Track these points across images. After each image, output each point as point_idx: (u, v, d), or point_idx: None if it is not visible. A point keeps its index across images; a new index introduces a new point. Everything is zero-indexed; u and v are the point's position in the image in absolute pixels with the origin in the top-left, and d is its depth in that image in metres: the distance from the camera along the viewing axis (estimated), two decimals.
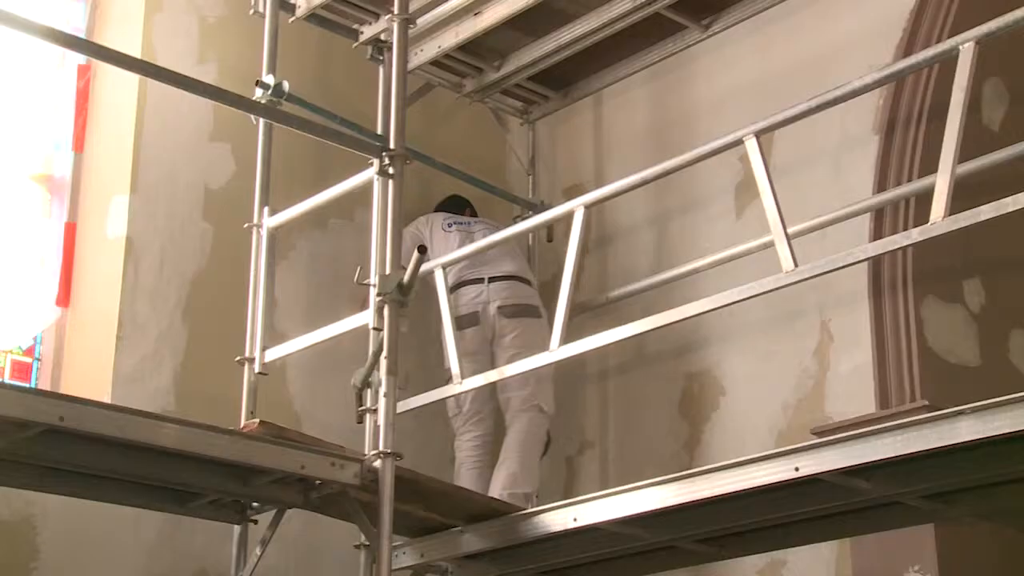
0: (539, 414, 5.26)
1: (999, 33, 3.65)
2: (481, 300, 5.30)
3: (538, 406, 5.25)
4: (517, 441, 5.20)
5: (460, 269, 5.34)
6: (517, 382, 5.18)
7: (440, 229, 5.51)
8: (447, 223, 5.56)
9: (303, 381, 5.33)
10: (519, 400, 5.23)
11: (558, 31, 5.62)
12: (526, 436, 5.21)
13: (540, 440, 5.28)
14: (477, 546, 4.54)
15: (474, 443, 5.31)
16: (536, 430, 5.25)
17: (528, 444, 5.21)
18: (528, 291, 5.40)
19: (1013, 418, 3.29)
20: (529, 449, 5.21)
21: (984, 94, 4.90)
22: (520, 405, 5.24)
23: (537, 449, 5.26)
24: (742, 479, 3.85)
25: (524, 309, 5.31)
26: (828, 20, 5.21)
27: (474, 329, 5.26)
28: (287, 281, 5.35)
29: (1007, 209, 3.46)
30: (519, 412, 5.24)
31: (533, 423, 5.23)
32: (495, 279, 5.34)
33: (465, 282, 5.35)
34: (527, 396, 5.23)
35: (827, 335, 4.95)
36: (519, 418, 5.24)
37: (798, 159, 5.10)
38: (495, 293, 5.31)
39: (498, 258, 5.38)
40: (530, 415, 5.24)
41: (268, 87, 5.01)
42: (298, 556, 5.05)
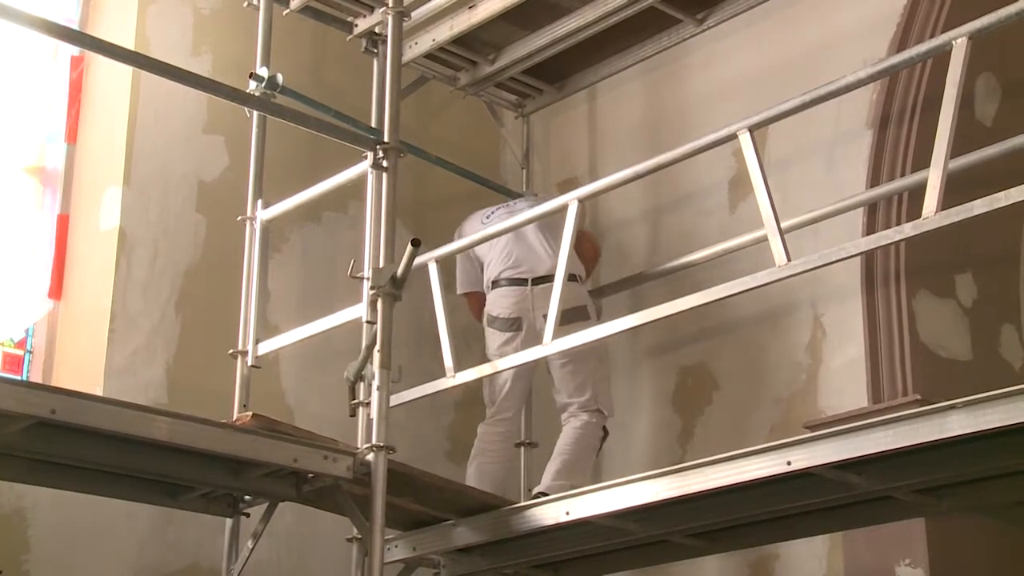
0: (599, 414, 5.05)
1: (992, 28, 3.65)
2: (525, 307, 5.05)
3: (598, 411, 5.05)
4: (574, 437, 4.98)
5: (500, 261, 5.15)
6: (572, 388, 5.03)
7: (479, 223, 5.28)
8: (486, 215, 5.36)
9: (296, 374, 5.33)
10: (578, 405, 5.03)
11: (553, 25, 5.61)
12: (583, 432, 4.99)
13: (595, 437, 5.04)
14: (469, 539, 4.55)
15: (493, 438, 5.13)
16: (594, 428, 5.03)
17: (585, 440, 4.99)
18: (575, 291, 5.02)
19: (1003, 412, 3.29)
20: (585, 445, 4.99)
21: (977, 89, 4.90)
22: (579, 408, 5.04)
23: (591, 447, 5.03)
24: (735, 473, 3.86)
25: (570, 314, 4.85)
26: (822, 15, 5.21)
27: (512, 335, 5.06)
28: (280, 274, 5.35)
29: (999, 204, 3.46)
30: (579, 412, 5.03)
31: (592, 420, 5.02)
32: (538, 281, 5.05)
33: (506, 281, 5.12)
34: (586, 401, 5.03)
35: (820, 329, 4.96)
36: (579, 416, 5.03)
37: (792, 153, 5.10)
38: (538, 299, 4.98)
39: (538, 249, 5.11)
40: (590, 411, 5.03)
41: (262, 80, 5.00)
42: (290, 549, 5.05)
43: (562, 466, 4.91)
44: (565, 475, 4.85)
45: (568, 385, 5.04)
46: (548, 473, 4.92)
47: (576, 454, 4.97)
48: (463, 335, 5.46)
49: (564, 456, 4.95)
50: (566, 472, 4.87)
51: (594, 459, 5.10)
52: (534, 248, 5.15)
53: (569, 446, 4.98)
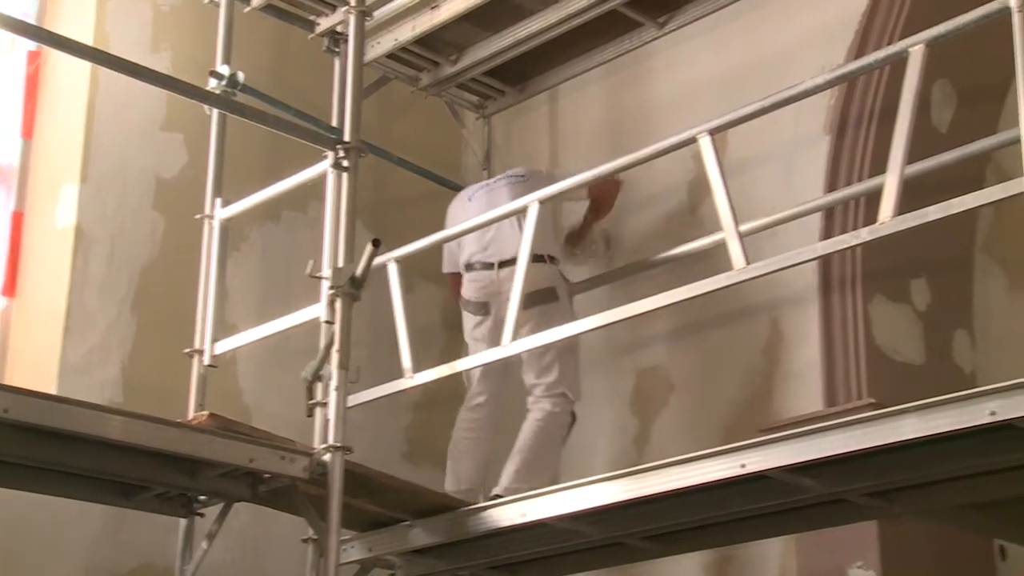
0: (563, 400, 4.98)
1: (948, 36, 3.68)
2: (491, 291, 4.99)
3: (563, 393, 4.97)
4: (535, 432, 4.91)
5: (472, 243, 5.08)
6: (539, 368, 4.95)
7: (464, 203, 5.25)
8: (468, 195, 5.32)
9: (253, 374, 5.31)
10: (543, 387, 4.96)
11: (515, 26, 5.63)
12: (545, 425, 4.92)
13: (561, 427, 4.99)
14: (425, 540, 4.54)
15: (469, 424, 5.08)
16: (559, 418, 4.97)
17: (547, 435, 4.92)
18: (543, 272, 4.94)
19: (954, 416, 3.32)
20: (548, 441, 4.93)
21: (933, 96, 4.95)
22: (544, 392, 4.96)
23: (557, 439, 4.98)
24: (690, 475, 3.87)
25: (538, 296, 4.88)
26: (782, 21, 5.24)
27: (482, 319, 5.03)
28: (239, 273, 5.32)
29: (953, 210, 3.49)
30: (542, 398, 4.97)
31: (555, 409, 4.95)
32: (505, 263, 4.93)
33: (479, 265, 5.05)
34: (552, 383, 4.95)
35: (777, 332, 4.98)
36: (541, 404, 4.96)
37: (751, 158, 5.13)
38: (506, 282, 4.80)
39: (508, 233, 4.99)
40: (553, 400, 4.95)
41: (222, 77, 4.98)
42: (245, 550, 5.02)
43: (521, 466, 4.85)
44: (524, 477, 4.80)
45: (536, 364, 4.96)
46: (506, 473, 4.87)
47: (536, 451, 4.91)
48: (422, 335, 5.45)
49: (523, 454, 4.89)
50: (525, 473, 4.82)
51: (562, 448, 5.03)
52: (503, 230, 5.04)
53: (529, 442, 4.91)
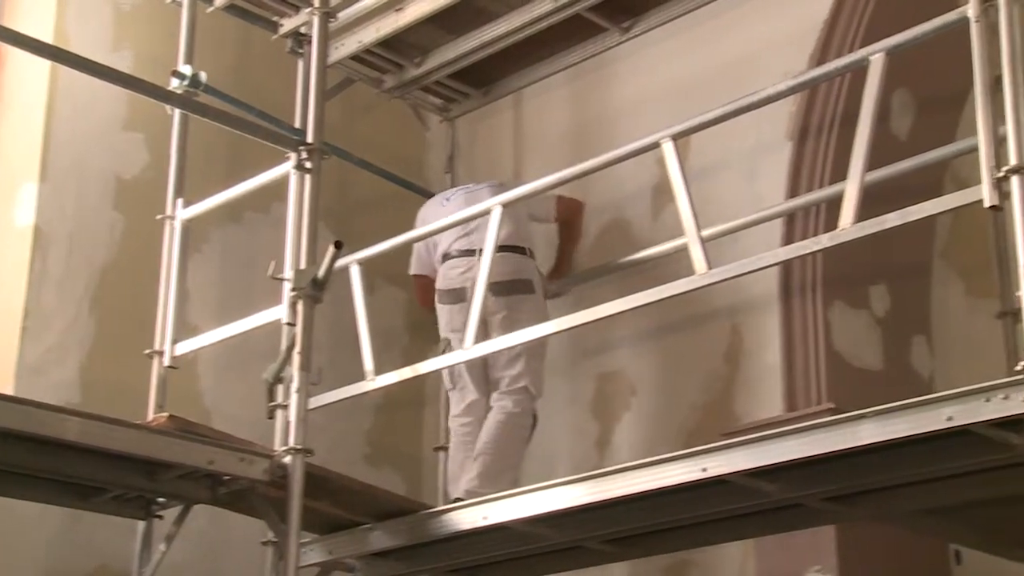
0: (525, 396, 4.95)
1: (908, 46, 3.72)
2: (470, 276, 4.87)
3: (525, 387, 4.94)
4: (497, 431, 4.88)
5: (453, 233, 5.06)
6: (506, 359, 4.93)
7: (438, 206, 5.25)
8: (445, 196, 5.32)
9: (214, 375, 5.28)
10: (507, 380, 4.93)
11: (479, 29, 5.63)
12: (507, 425, 4.89)
13: (524, 426, 4.96)
14: (386, 544, 4.53)
15: (468, 428, 5.00)
16: (521, 417, 4.92)
17: (510, 434, 4.89)
18: (520, 263, 5.02)
19: (912, 422, 3.35)
20: (511, 439, 4.90)
21: (893, 104, 4.98)
22: (507, 386, 4.94)
23: (520, 437, 4.95)
24: (651, 479, 3.88)
25: (515, 285, 4.94)
26: (745, 28, 5.28)
27: (461, 306, 4.95)
28: (200, 274, 5.30)
29: (912, 217, 3.52)
30: (505, 394, 4.94)
31: (519, 408, 4.93)
32: None
33: (457, 252, 5.04)
34: (516, 375, 4.93)
35: (738, 337, 5.01)
36: (502, 402, 4.93)
37: (713, 163, 5.15)
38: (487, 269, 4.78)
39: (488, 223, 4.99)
40: (515, 398, 4.93)
41: (184, 77, 4.96)
42: (203, 552, 4.99)
43: (483, 469, 4.82)
44: (486, 480, 4.77)
45: (504, 355, 4.92)
46: (468, 476, 4.85)
47: (498, 454, 4.88)
48: (384, 338, 5.44)
49: (486, 457, 4.86)
50: (486, 478, 4.78)
51: (524, 450, 5.00)
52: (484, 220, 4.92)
53: (491, 445, 4.89)
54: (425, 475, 5.82)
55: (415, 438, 5.91)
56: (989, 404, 3.23)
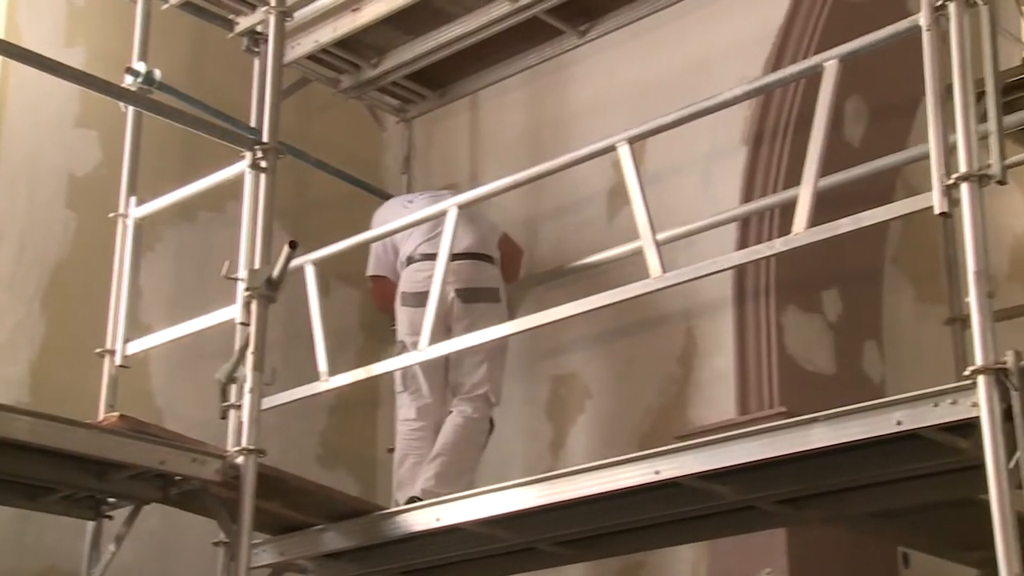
0: (485, 403, 4.96)
1: (861, 52, 3.76)
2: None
3: (486, 394, 4.95)
4: (454, 435, 4.88)
5: (419, 236, 5.06)
6: (469, 365, 4.94)
7: (400, 208, 5.21)
8: (408, 199, 5.30)
9: (166, 375, 5.24)
10: (467, 387, 4.94)
11: (437, 31, 5.62)
12: (465, 428, 4.89)
13: (482, 431, 4.97)
14: (338, 545, 4.52)
15: (420, 432, 4.97)
16: (479, 422, 4.93)
17: (467, 438, 4.89)
18: (488, 271, 5.06)
19: (863, 426, 3.39)
20: (468, 443, 4.90)
21: (847, 111, 5.03)
22: (466, 392, 4.94)
23: (477, 442, 4.95)
24: (604, 482, 3.89)
25: (481, 293, 4.97)
26: (700, 33, 5.31)
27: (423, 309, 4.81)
28: (153, 273, 5.26)
29: (864, 223, 3.55)
30: (464, 399, 4.94)
31: (477, 413, 4.93)
32: (454, 257, 4.82)
33: (421, 256, 5.01)
34: (477, 382, 4.94)
35: (692, 341, 5.04)
36: (461, 407, 4.93)
37: (669, 167, 5.18)
38: (452, 274, 4.79)
39: (458, 229, 4.83)
40: (474, 404, 4.93)
41: (138, 74, 4.92)
42: (154, 553, 4.95)
43: (441, 469, 4.80)
44: (443, 481, 4.76)
45: (465, 362, 4.94)
46: (424, 476, 4.83)
47: (455, 455, 4.87)
48: (338, 338, 5.42)
49: (443, 458, 4.85)
50: (444, 479, 4.77)
51: (480, 455, 5.00)
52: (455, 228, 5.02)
53: (449, 446, 4.88)
54: (379, 476, 5.80)
55: (369, 439, 5.90)
56: (938, 409, 3.27)
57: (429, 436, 5.00)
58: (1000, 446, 3.09)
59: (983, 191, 3.29)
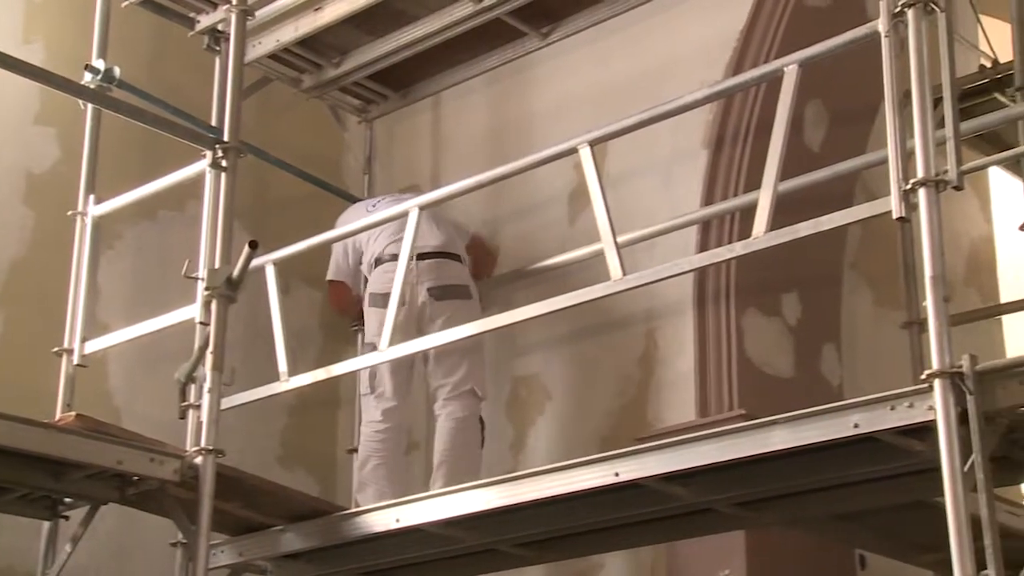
0: (472, 399, 4.95)
1: (820, 57, 3.78)
2: (409, 280, 4.82)
3: (471, 390, 4.94)
4: (452, 438, 4.87)
5: (386, 237, 5.05)
6: (447, 366, 4.92)
7: (364, 212, 5.20)
8: (372, 203, 5.28)
9: (125, 375, 5.20)
10: (450, 387, 4.93)
11: (399, 31, 5.62)
12: (460, 430, 4.88)
13: (476, 429, 4.96)
14: (298, 545, 4.50)
15: (384, 434, 4.95)
16: (470, 420, 4.94)
17: (465, 439, 4.89)
18: (457, 269, 5.08)
19: (821, 429, 3.41)
20: (467, 444, 4.89)
21: (806, 115, 5.07)
22: (450, 392, 4.93)
23: (475, 441, 4.94)
24: (564, 483, 3.90)
25: (453, 290, 4.98)
26: (662, 36, 5.33)
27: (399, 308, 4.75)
28: (112, 271, 5.22)
29: (824, 227, 3.58)
30: (450, 400, 4.93)
31: (466, 412, 4.93)
32: (424, 256, 4.96)
33: (390, 257, 4.97)
34: (459, 381, 4.92)
35: (652, 343, 5.06)
36: (450, 407, 4.92)
37: (630, 169, 5.20)
38: (424, 273, 4.93)
39: (426, 229, 4.93)
40: (462, 402, 4.92)
41: (98, 72, 4.88)
42: (111, 553, 4.92)
43: (447, 480, 4.74)
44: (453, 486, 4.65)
45: (443, 363, 4.93)
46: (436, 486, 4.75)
47: (457, 460, 4.85)
48: (298, 338, 5.41)
49: (446, 465, 4.84)
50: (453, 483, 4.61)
51: (480, 453, 4.98)
52: (422, 228, 4.87)
53: (448, 452, 4.87)
54: (339, 477, 5.79)
55: (329, 440, 5.88)
56: (894, 412, 3.30)
57: (393, 438, 5.00)
58: (955, 449, 3.12)
59: (940, 196, 3.32)
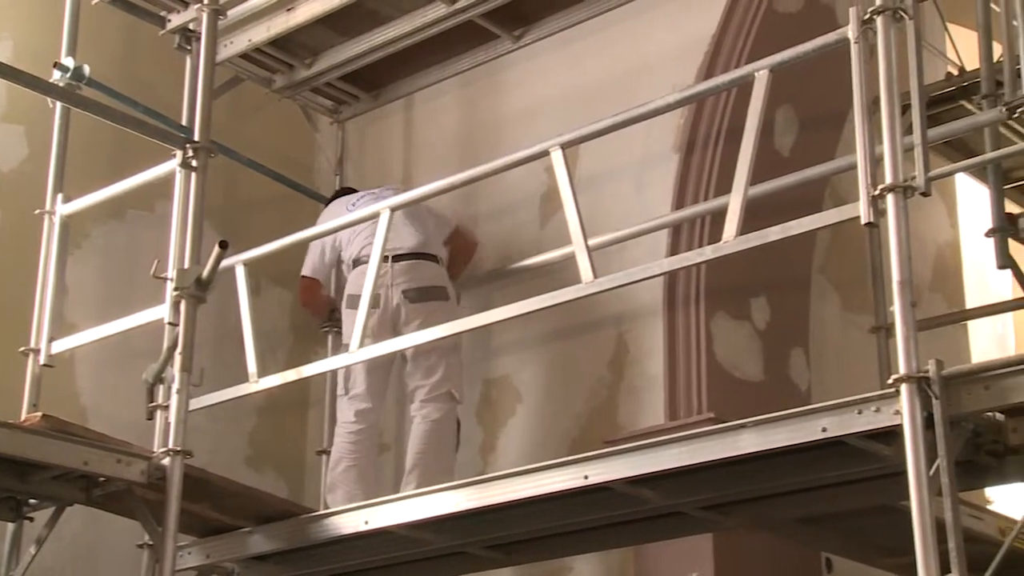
0: (449, 402, 4.94)
1: (791, 62, 3.80)
2: (384, 282, 4.88)
3: (449, 392, 4.94)
4: (427, 441, 4.86)
5: (364, 238, 5.02)
6: (424, 368, 4.92)
7: (343, 211, 5.13)
8: (351, 202, 5.24)
9: (92, 375, 5.18)
10: (427, 388, 4.92)
11: (371, 32, 5.61)
12: (436, 432, 4.88)
13: (451, 431, 4.96)
14: (265, 547, 4.49)
15: (357, 436, 4.94)
16: (446, 422, 4.93)
17: (440, 442, 4.88)
18: (433, 270, 5.05)
19: (789, 432, 3.43)
20: (442, 447, 4.89)
21: (777, 120, 5.09)
22: (427, 394, 4.92)
23: (450, 443, 4.95)
24: (533, 486, 3.91)
25: (430, 292, 4.95)
26: (635, 40, 5.34)
27: (372, 311, 4.77)
28: (80, 271, 5.19)
29: (792, 232, 3.59)
30: (427, 402, 4.92)
31: (442, 413, 4.92)
32: (399, 258, 4.95)
33: (366, 259, 4.87)
34: (436, 383, 4.92)
35: (623, 346, 5.07)
36: (427, 409, 4.91)
37: (602, 173, 5.21)
38: (399, 275, 4.92)
39: (402, 229, 4.97)
40: (437, 404, 4.90)
41: (67, 69, 4.85)
42: (76, 555, 4.89)
43: (420, 481, 4.73)
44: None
45: (422, 364, 4.93)
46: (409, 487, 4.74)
47: (431, 463, 4.85)
48: (268, 340, 5.39)
49: (420, 468, 4.83)
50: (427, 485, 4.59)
51: (455, 456, 4.99)
52: (399, 228, 4.97)
53: (422, 455, 4.87)
54: (308, 478, 5.78)
55: (298, 441, 5.86)
56: (862, 416, 3.33)
57: (366, 440, 4.99)
58: (921, 453, 3.14)
59: (908, 202, 3.35)
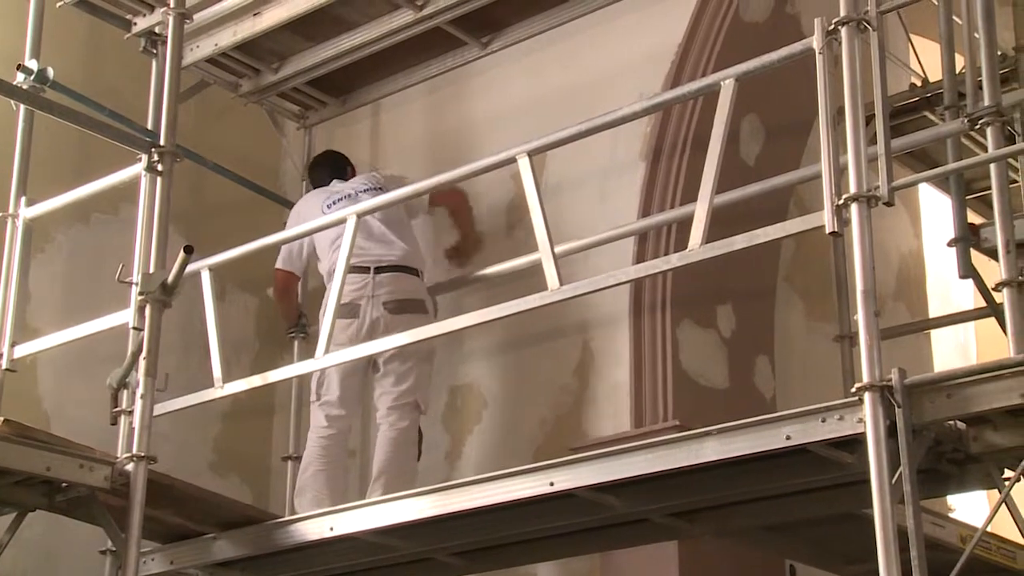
0: (413, 411, 4.98)
1: (757, 72, 3.82)
2: (365, 293, 4.94)
3: (415, 403, 4.97)
4: (393, 449, 4.89)
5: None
6: (395, 377, 4.94)
7: (319, 209, 5.14)
8: (327, 203, 5.21)
9: (55, 380, 5.14)
10: (394, 396, 4.94)
11: (338, 38, 5.60)
12: (402, 441, 4.91)
13: (413, 441, 4.98)
14: (230, 553, 4.47)
15: (327, 441, 4.96)
16: (410, 431, 4.95)
17: (402, 450, 4.91)
18: (414, 283, 5.08)
19: (752, 440, 3.46)
20: (404, 456, 4.92)
21: (743, 129, 5.12)
22: (394, 401, 4.94)
23: (412, 453, 4.97)
24: (499, 493, 3.92)
25: (409, 304, 4.99)
26: (603, 47, 5.36)
27: (351, 320, 4.90)
28: (43, 275, 5.15)
29: (758, 240, 3.62)
30: (393, 409, 4.94)
31: (408, 421, 4.94)
32: (381, 269, 4.99)
33: (351, 268, 4.81)
34: (405, 391, 4.95)
35: (588, 354, 5.08)
36: (393, 417, 4.93)
37: (568, 180, 5.22)
38: (380, 286, 4.96)
39: (385, 237, 5.04)
40: (402, 412, 4.93)
41: (31, 72, 4.83)
42: (38, 561, 4.85)
43: (386, 489, 4.72)
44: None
45: (393, 372, 4.94)
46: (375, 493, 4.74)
47: (396, 471, 4.86)
48: (233, 345, 5.37)
49: (386, 476, 4.84)
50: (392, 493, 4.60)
51: (416, 464, 5.01)
52: (378, 237, 5.04)
53: (388, 463, 4.88)
54: (273, 484, 5.75)
55: (263, 447, 5.84)
56: (825, 424, 3.35)
57: (336, 446, 5.00)
58: (884, 462, 3.17)
59: (871, 212, 3.38)
